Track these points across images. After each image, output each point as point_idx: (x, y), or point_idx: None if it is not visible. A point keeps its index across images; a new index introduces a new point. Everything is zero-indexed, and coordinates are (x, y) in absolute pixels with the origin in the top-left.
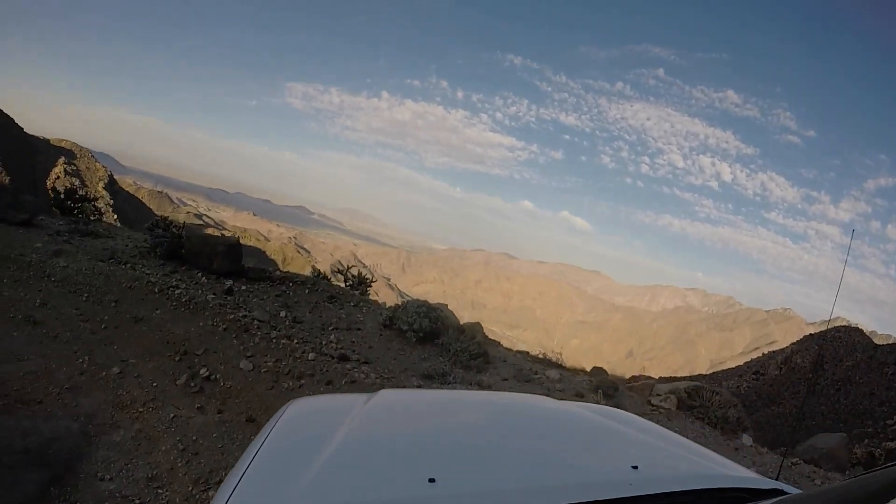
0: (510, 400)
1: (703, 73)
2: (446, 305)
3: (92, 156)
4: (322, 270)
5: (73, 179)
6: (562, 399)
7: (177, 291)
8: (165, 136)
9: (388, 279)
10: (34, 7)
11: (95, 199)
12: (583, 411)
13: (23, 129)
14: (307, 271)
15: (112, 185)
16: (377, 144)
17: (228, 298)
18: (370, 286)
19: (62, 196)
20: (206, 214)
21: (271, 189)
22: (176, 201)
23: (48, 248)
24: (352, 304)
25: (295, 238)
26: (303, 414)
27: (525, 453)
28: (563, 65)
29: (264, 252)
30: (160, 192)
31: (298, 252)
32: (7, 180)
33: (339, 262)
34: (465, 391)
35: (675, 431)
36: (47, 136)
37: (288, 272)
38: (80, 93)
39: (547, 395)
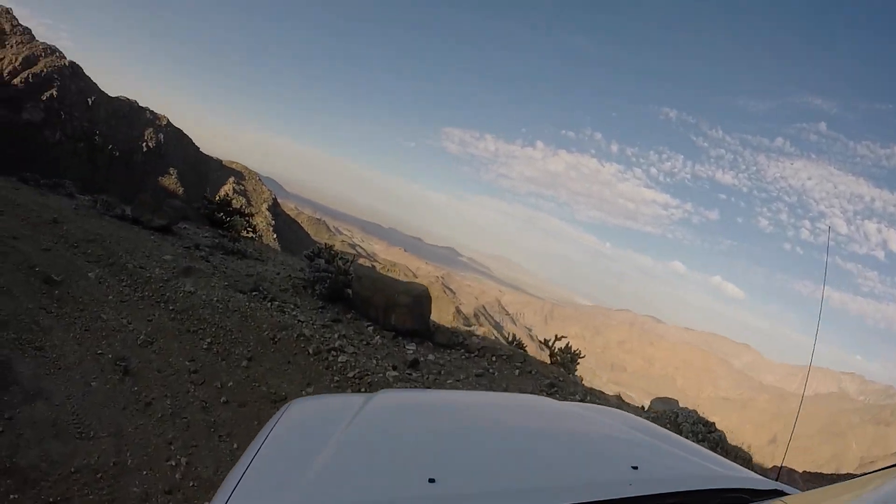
0: (510, 400)
1: (869, 127)
2: (695, 410)
3: (259, 179)
4: (466, 313)
5: (240, 198)
6: None
7: (341, 358)
8: (329, 168)
9: (530, 330)
10: (226, 46)
11: (251, 214)
12: (583, 411)
13: (199, 148)
14: (451, 312)
15: (275, 208)
16: (529, 193)
17: (413, 375)
18: (578, 362)
19: (214, 206)
20: (359, 245)
21: (423, 228)
22: (332, 229)
23: (178, 264)
24: (577, 396)
25: (442, 278)
26: (303, 414)
27: (525, 453)
28: (720, 118)
29: None
30: (318, 220)
31: (444, 292)
32: (181, 191)
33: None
34: (465, 391)
35: None
36: (220, 157)
37: (485, 338)
38: (256, 121)
39: None
